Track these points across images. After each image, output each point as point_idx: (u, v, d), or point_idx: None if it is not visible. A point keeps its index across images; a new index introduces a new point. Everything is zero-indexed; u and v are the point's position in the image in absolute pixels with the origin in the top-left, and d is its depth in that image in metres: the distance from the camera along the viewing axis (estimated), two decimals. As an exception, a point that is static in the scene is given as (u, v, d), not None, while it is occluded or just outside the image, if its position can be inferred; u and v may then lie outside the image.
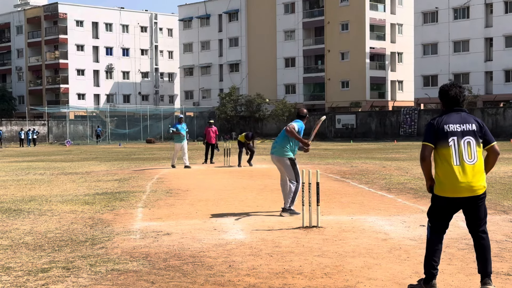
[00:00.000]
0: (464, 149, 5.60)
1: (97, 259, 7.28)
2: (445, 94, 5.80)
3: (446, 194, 5.62)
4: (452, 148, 5.59)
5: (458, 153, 5.59)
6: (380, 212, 10.55)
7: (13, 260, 7.34)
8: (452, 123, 5.67)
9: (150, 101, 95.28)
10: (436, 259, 5.71)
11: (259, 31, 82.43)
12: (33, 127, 67.32)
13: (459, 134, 5.63)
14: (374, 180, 16.53)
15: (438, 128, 5.67)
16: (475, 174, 5.57)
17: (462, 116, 5.73)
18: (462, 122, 5.69)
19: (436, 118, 5.76)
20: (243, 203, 12.20)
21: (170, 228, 9.31)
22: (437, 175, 5.71)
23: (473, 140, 5.64)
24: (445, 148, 5.62)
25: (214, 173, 20.43)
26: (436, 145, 5.66)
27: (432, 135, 5.67)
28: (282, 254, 7.37)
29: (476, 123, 5.71)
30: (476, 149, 5.64)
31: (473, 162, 5.58)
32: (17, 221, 10.40)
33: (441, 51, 66.51)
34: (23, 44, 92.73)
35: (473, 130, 5.67)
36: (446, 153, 5.61)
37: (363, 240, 8.13)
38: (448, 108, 5.79)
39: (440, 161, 5.67)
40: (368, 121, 67.17)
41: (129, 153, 39.68)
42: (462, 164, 5.56)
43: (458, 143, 5.61)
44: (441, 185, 5.62)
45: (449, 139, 5.62)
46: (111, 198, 13.43)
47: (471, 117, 5.76)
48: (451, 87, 5.81)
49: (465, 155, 5.58)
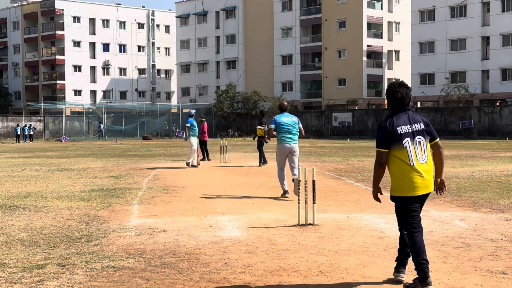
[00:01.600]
0: (416, 149, 5.73)
1: (93, 256, 7.26)
2: (392, 95, 5.86)
3: (405, 193, 5.73)
4: (407, 149, 5.70)
5: (412, 153, 5.71)
6: (376, 210, 10.54)
7: (8, 257, 7.32)
8: (403, 125, 5.75)
9: (146, 98, 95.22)
10: (424, 257, 5.72)
11: (256, 28, 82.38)
12: (30, 123, 67.20)
13: (411, 134, 5.74)
14: (371, 178, 16.48)
15: (392, 131, 5.73)
16: (427, 172, 5.74)
17: (410, 116, 5.84)
18: (411, 122, 5.80)
19: (387, 121, 5.80)
20: (239, 200, 12.19)
21: (166, 225, 9.30)
22: (393, 177, 5.81)
23: (423, 139, 5.80)
24: (400, 150, 5.71)
25: (210, 170, 20.41)
26: (391, 148, 5.74)
27: (387, 139, 5.74)
28: (278, 252, 7.37)
29: (423, 122, 5.86)
30: (426, 147, 5.80)
31: (425, 161, 5.74)
32: (13, 217, 10.37)
33: (438, 50, 66.55)
34: (20, 40, 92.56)
35: (422, 129, 5.82)
36: (402, 155, 5.71)
37: (359, 238, 8.13)
38: (396, 109, 5.87)
39: (395, 163, 5.75)
40: (364, 119, 67.20)
41: (125, 149, 39.64)
42: (417, 163, 5.69)
43: (412, 143, 5.72)
44: (399, 186, 5.74)
45: (403, 141, 5.71)
46: (107, 194, 13.41)
47: (418, 116, 5.90)
48: (398, 88, 5.86)
49: (418, 155, 5.72)
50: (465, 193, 12.91)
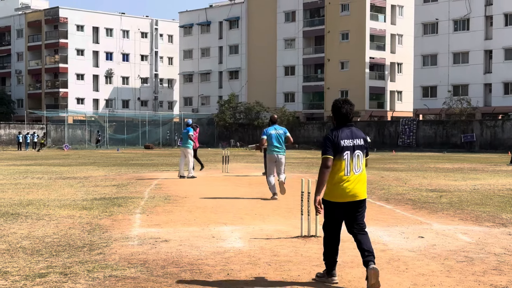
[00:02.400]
0: (354, 161, 6.41)
1: (95, 265, 7.25)
2: (337, 111, 6.53)
3: (335, 199, 6.41)
4: (345, 161, 6.37)
5: (349, 165, 6.39)
6: (378, 223, 10.53)
7: (10, 265, 7.32)
8: (345, 139, 6.40)
9: (149, 107, 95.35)
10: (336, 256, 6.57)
11: (259, 39, 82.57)
12: (33, 131, 67.31)
13: (351, 148, 6.40)
14: (373, 190, 16.51)
15: (336, 143, 6.37)
16: (358, 182, 6.42)
17: (353, 132, 6.49)
18: (353, 137, 6.45)
19: (333, 133, 6.45)
20: (241, 211, 12.18)
21: (168, 235, 9.29)
22: (328, 183, 6.44)
23: (361, 154, 6.47)
24: (339, 160, 6.37)
25: (213, 180, 20.40)
26: (333, 156, 6.37)
27: (332, 148, 6.36)
28: (280, 263, 7.36)
29: (363, 139, 6.54)
30: (362, 161, 6.49)
31: (359, 172, 6.43)
32: (15, 225, 10.37)
33: (441, 63, 66.64)
34: (23, 48, 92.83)
35: (362, 144, 6.49)
36: (339, 165, 6.37)
37: (361, 251, 8.10)
38: (340, 123, 6.53)
39: (332, 171, 6.39)
40: (366, 131, 67.13)
41: (127, 158, 39.65)
42: (351, 174, 6.39)
43: (350, 156, 6.39)
44: (331, 192, 6.42)
45: (343, 153, 6.37)
46: (109, 203, 13.40)
47: (359, 132, 6.57)
48: (343, 104, 6.51)
49: (354, 167, 6.41)
50: (468, 206, 12.89)
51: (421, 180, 20.45)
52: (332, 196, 6.40)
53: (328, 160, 6.36)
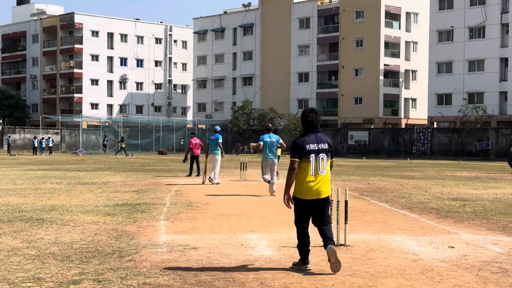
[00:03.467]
0: (318, 163, 7.30)
1: (127, 272, 7.24)
2: (304, 119, 7.49)
3: (302, 196, 7.31)
4: (311, 163, 7.27)
5: (314, 166, 7.29)
6: (405, 232, 10.45)
7: (43, 271, 7.32)
8: (311, 143, 7.31)
9: (162, 113, 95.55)
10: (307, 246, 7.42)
11: (273, 46, 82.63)
12: (48, 136, 67.63)
13: (316, 152, 7.31)
14: (394, 199, 16.43)
15: (302, 147, 7.29)
16: (323, 183, 7.31)
17: (318, 137, 7.39)
18: (318, 142, 7.36)
19: (300, 138, 7.38)
20: (265, 218, 12.14)
21: (196, 242, 9.26)
22: (296, 182, 7.35)
23: (325, 157, 7.37)
24: (305, 162, 7.28)
25: (232, 187, 20.37)
26: (300, 159, 7.28)
27: (298, 152, 7.29)
28: (313, 273, 7.30)
29: (327, 143, 7.43)
30: (327, 163, 7.37)
31: (324, 173, 7.33)
32: (41, 231, 10.39)
33: (456, 70, 66.37)
34: (39, 53, 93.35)
35: (326, 148, 7.39)
36: (306, 166, 7.28)
37: (393, 260, 8.04)
38: (307, 130, 7.47)
39: (300, 172, 7.30)
40: (381, 138, 67.01)
41: (142, 164, 39.73)
42: (316, 174, 7.28)
43: (315, 159, 7.29)
44: (299, 190, 7.33)
45: (309, 156, 7.27)
46: (131, 209, 13.40)
47: (325, 137, 7.44)
48: (309, 113, 7.47)
49: (319, 168, 7.30)
50: (493, 216, 12.78)
51: (440, 188, 20.33)
52: (300, 194, 7.30)
53: (294, 163, 7.27)
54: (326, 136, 7.48)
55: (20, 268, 7.48)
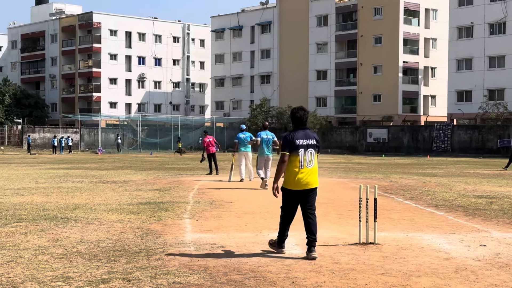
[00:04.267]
0: (307, 157, 8.02)
1: (156, 271, 7.16)
2: (294, 116, 8.24)
3: (290, 187, 8.03)
4: (300, 156, 7.98)
5: (303, 160, 7.99)
6: (434, 230, 10.29)
7: (71, 270, 7.26)
8: (300, 139, 8.03)
9: (180, 111, 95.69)
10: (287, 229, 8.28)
11: (291, 43, 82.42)
12: (68, 135, 68.00)
13: (305, 146, 8.03)
14: (419, 196, 16.25)
15: (292, 142, 8.00)
16: (311, 174, 8.03)
17: (306, 133, 8.11)
18: (306, 137, 8.08)
19: (290, 134, 8.10)
20: (290, 216, 12.01)
21: (223, 241, 9.18)
22: (286, 174, 8.04)
23: (313, 151, 8.09)
24: (295, 156, 8.00)
25: (254, 185, 20.25)
26: (289, 153, 7.99)
27: (289, 146, 8.00)
28: (344, 271, 7.19)
29: (315, 139, 8.15)
30: (314, 157, 8.11)
31: (311, 166, 8.05)
32: (66, 229, 10.35)
33: (476, 67, 65.75)
34: (57, 52, 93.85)
35: (314, 144, 8.11)
36: (295, 160, 7.99)
37: (424, 259, 7.90)
38: (296, 126, 8.19)
39: (289, 165, 8.01)
40: (400, 136, 66.60)
41: (162, 162, 39.77)
42: (304, 167, 7.98)
43: (304, 153, 8.01)
44: (288, 181, 8.04)
45: (298, 150, 7.99)
46: (155, 208, 13.35)
47: (312, 133, 8.17)
48: (298, 111, 8.23)
49: (307, 161, 8.02)
50: (522, 213, 12.57)
51: (464, 186, 20.09)
52: (289, 185, 8.01)
53: (285, 156, 8.01)
54: (313, 133, 8.19)
55: (48, 267, 7.43)
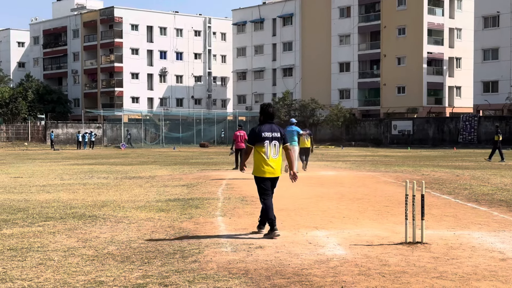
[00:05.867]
0: (272, 148, 9.02)
1: (194, 275, 6.71)
2: (263, 111, 9.24)
3: (259, 174, 9.03)
4: (265, 148, 8.99)
5: (268, 150, 8.99)
6: (482, 227, 9.75)
7: (103, 273, 6.84)
8: (266, 131, 9.05)
9: (202, 105, 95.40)
10: (272, 213, 8.92)
11: (313, 36, 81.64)
12: (90, 130, 67.99)
13: (270, 139, 9.03)
14: (456, 190, 15.67)
15: (258, 134, 9.02)
16: (276, 164, 9.04)
17: (272, 127, 9.12)
18: (272, 131, 9.08)
19: (258, 127, 9.11)
20: (326, 213, 11.54)
21: (260, 241, 8.70)
22: (255, 163, 9.06)
23: (277, 143, 9.08)
24: (261, 147, 9.00)
25: (282, 179, 19.73)
26: (256, 144, 9.02)
27: (254, 139, 9.06)
28: (395, 275, 6.68)
29: (279, 132, 9.13)
30: (279, 149, 9.09)
31: (276, 157, 9.05)
32: (95, 229, 9.97)
33: (503, 57, 64.55)
34: (79, 48, 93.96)
35: (278, 136, 9.09)
36: (261, 150, 9.00)
37: (479, 260, 7.37)
38: (264, 120, 9.19)
39: (257, 155, 9.03)
40: (425, 128, 65.72)
41: (186, 157, 39.44)
42: (269, 157, 8.99)
43: (269, 144, 9.01)
44: (257, 169, 9.05)
45: (264, 142, 9.01)
46: (185, 205, 12.94)
47: (277, 127, 9.17)
48: (267, 107, 9.25)
49: (272, 152, 9.01)
50: None
51: (500, 179, 19.45)
52: (258, 173, 9.04)
53: (248, 148, 9.19)
54: (278, 127, 9.18)
55: (79, 270, 7.02)
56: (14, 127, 69.60)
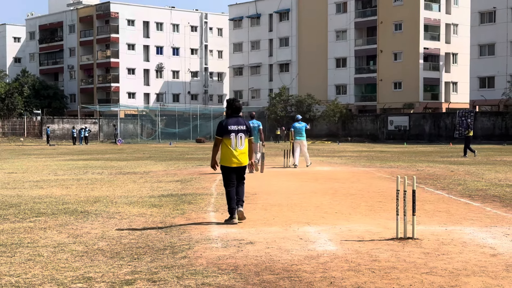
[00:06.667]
0: (238, 140, 9.71)
1: (183, 271, 6.68)
2: (230, 105, 9.96)
3: (227, 164, 9.71)
4: (231, 139, 9.68)
5: (234, 142, 9.68)
6: (474, 223, 9.73)
7: (92, 269, 6.81)
8: (232, 124, 9.72)
9: (199, 101, 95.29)
10: (234, 203, 9.69)
11: (310, 31, 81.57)
12: (85, 125, 67.87)
13: (236, 131, 9.71)
14: (450, 186, 15.66)
15: (225, 127, 9.72)
16: (241, 154, 9.73)
17: (238, 120, 9.78)
18: (238, 124, 9.75)
19: (224, 121, 9.80)
20: (319, 209, 11.51)
21: (251, 236, 8.68)
22: (222, 154, 9.75)
23: (243, 135, 9.74)
24: (227, 139, 9.70)
25: (277, 175, 19.77)
26: (223, 136, 9.73)
27: (221, 131, 9.74)
28: (385, 270, 6.66)
29: (245, 125, 9.80)
30: (245, 140, 9.77)
31: (242, 148, 9.73)
32: (86, 224, 9.93)
33: (499, 52, 64.56)
34: (75, 43, 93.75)
35: (244, 129, 9.76)
36: (228, 142, 9.70)
37: (469, 255, 7.35)
38: (231, 114, 9.89)
39: (224, 146, 9.73)
40: (421, 123, 65.75)
41: (181, 152, 39.39)
42: (235, 148, 9.69)
43: (235, 136, 9.69)
44: (224, 159, 9.72)
45: (230, 134, 9.69)
46: (178, 200, 12.91)
47: (243, 120, 9.83)
48: (233, 102, 9.96)
49: (238, 144, 9.71)
50: (563, 204, 11.95)
51: (495, 174, 19.45)
52: (225, 162, 9.70)
53: (217, 140, 9.83)
54: (244, 120, 9.86)
55: (68, 266, 6.99)
56: (10, 123, 69.48)
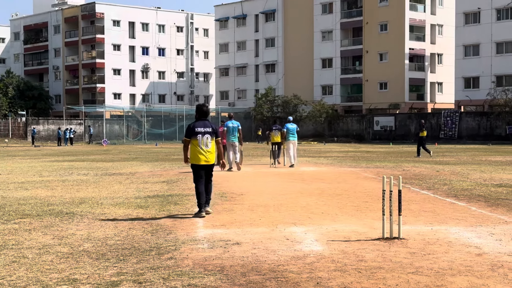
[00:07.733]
0: (204, 141, 10.68)
1: (169, 272, 6.66)
2: (199, 110, 10.93)
3: (195, 162, 10.70)
4: (198, 140, 10.64)
5: (201, 142, 10.65)
6: (459, 222, 9.77)
7: (78, 271, 6.76)
8: (199, 127, 10.72)
9: (185, 101, 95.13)
10: (202, 198, 10.59)
11: (296, 32, 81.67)
12: (70, 126, 67.53)
13: (202, 133, 10.69)
14: (435, 186, 15.72)
15: (192, 129, 10.71)
16: (208, 153, 10.70)
17: (205, 123, 10.79)
18: (204, 126, 10.75)
19: (193, 123, 10.82)
20: (305, 209, 11.52)
21: (238, 237, 8.66)
22: (191, 153, 10.74)
23: (210, 137, 10.73)
24: (195, 139, 10.66)
25: (263, 175, 19.76)
26: (191, 138, 10.70)
27: (189, 133, 10.73)
28: (371, 270, 6.67)
29: (211, 128, 10.80)
30: (211, 141, 10.75)
31: (209, 148, 10.70)
32: (72, 226, 9.87)
33: (483, 53, 64.98)
34: (61, 44, 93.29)
35: (210, 131, 10.74)
36: (195, 142, 10.66)
37: (455, 255, 7.37)
38: (199, 117, 10.86)
39: (193, 146, 10.68)
40: (407, 123, 66.02)
41: (168, 153, 39.29)
42: (202, 148, 10.66)
43: (202, 137, 10.67)
44: (193, 158, 10.72)
45: (197, 135, 10.67)
46: (164, 201, 12.86)
47: (210, 123, 10.81)
48: (202, 106, 10.97)
49: (204, 144, 10.68)
50: (547, 203, 12.03)
51: (480, 174, 19.56)
52: (194, 161, 10.69)
53: (185, 141, 10.81)
54: (211, 123, 10.81)
55: (53, 268, 6.94)
56: (-6, 124, 68.94)
